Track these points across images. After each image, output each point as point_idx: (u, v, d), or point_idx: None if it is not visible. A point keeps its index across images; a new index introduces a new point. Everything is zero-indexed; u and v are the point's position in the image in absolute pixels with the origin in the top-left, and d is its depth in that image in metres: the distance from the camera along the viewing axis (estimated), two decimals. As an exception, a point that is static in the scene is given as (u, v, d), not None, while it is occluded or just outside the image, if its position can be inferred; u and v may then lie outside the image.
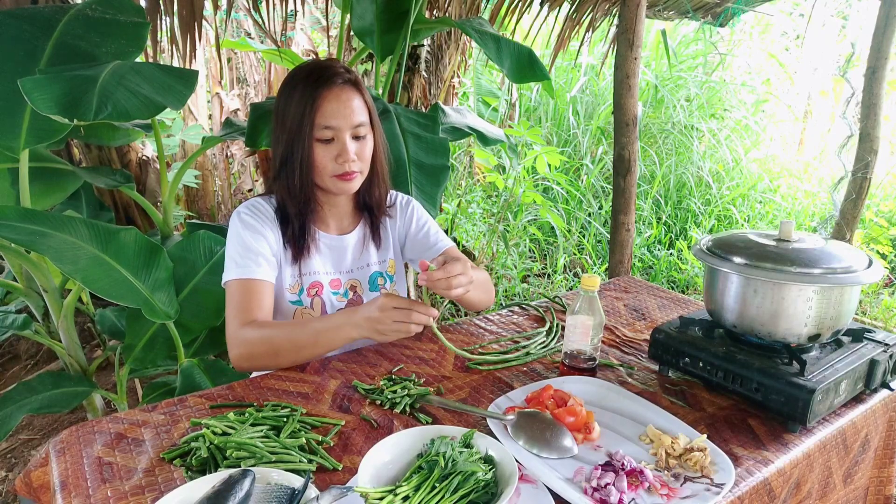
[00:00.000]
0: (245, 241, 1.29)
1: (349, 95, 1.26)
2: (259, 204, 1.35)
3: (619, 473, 0.89)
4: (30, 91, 1.32)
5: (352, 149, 1.26)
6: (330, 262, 1.40)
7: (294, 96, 1.25)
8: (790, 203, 4.77)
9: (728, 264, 1.14)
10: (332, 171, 1.27)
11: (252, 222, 1.31)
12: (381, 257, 1.46)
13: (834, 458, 1.10)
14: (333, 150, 1.26)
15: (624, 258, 2.71)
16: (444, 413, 1.10)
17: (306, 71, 1.28)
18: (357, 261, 1.43)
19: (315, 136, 1.25)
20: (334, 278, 1.40)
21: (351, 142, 1.27)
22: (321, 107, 1.23)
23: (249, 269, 1.27)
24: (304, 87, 1.25)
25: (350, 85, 1.27)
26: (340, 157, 1.26)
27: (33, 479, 0.98)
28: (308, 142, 1.25)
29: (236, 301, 1.26)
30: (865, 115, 3.03)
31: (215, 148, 4.00)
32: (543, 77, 2.13)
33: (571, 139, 5.16)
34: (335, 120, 1.24)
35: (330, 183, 1.30)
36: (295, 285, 1.36)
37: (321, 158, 1.27)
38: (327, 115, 1.24)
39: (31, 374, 2.74)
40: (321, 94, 1.24)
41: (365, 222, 1.44)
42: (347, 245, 1.41)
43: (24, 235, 1.45)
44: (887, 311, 3.70)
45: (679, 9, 3.57)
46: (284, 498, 0.80)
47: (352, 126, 1.26)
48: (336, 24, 4.00)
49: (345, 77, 1.27)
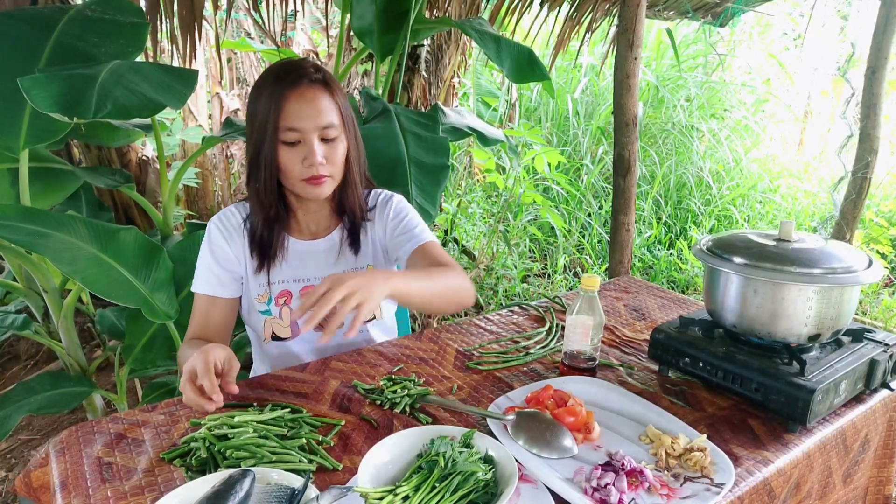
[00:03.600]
0: (207, 259, 1.30)
1: (316, 95, 1.19)
2: (230, 213, 1.33)
3: (619, 473, 0.89)
4: (29, 89, 1.32)
5: (319, 151, 1.19)
6: (301, 268, 1.33)
7: (261, 97, 1.19)
8: (790, 203, 4.77)
9: (728, 264, 1.14)
10: (300, 174, 1.20)
11: (216, 236, 1.30)
12: (358, 264, 1.37)
13: (834, 458, 1.10)
14: (300, 153, 1.19)
15: (624, 258, 2.71)
16: (444, 413, 1.10)
17: (274, 71, 1.21)
18: (332, 266, 1.35)
19: (280, 138, 1.18)
20: (306, 286, 1.33)
21: (319, 144, 1.19)
22: (285, 107, 1.17)
23: (202, 284, 1.29)
24: (271, 87, 1.18)
25: (318, 84, 1.20)
26: (307, 159, 1.19)
27: (33, 479, 0.98)
28: (273, 144, 1.18)
29: (193, 313, 1.31)
30: (865, 115, 3.03)
31: (215, 148, 4.00)
32: (543, 77, 2.13)
33: (571, 139, 5.16)
34: (300, 121, 1.17)
35: (299, 187, 1.23)
36: (263, 294, 1.32)
37: (287, 161, 1.20)
38: (291, 116, 1.17)
39: (31, 374, 2.74)
40: (285, 95, 1.17)
41: (343, 227, 1.36)
42: (319, 250, 1.34)
43: (24, 235, 1.44)
44: (887, 311, 3.70)
45: (679, 9, 3.57)
46: (284, 498, 0.80)
47: (318, 127, 1.19)
48: (336, 24, 4.00)
49: (312, 77, 1.20)
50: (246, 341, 2.17)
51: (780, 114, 5.66)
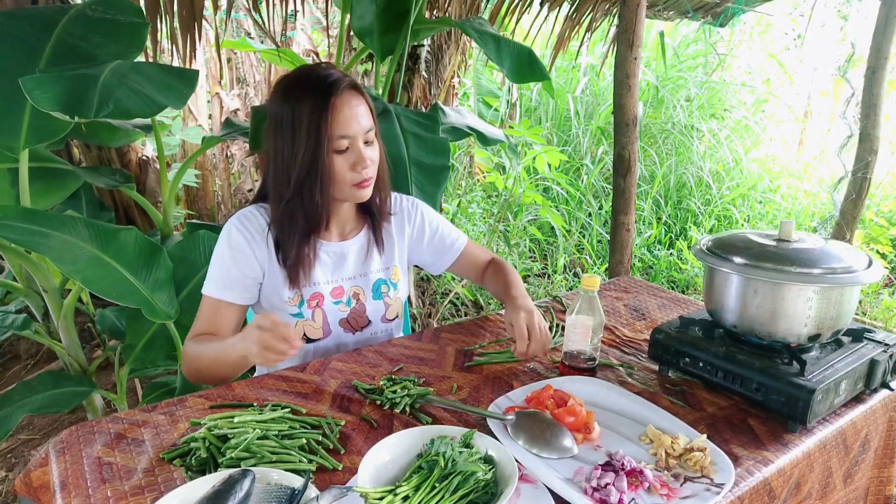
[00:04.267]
0: (225, 261, 1.27)
1: (358, 101, 1.22)
2: (251, 215, 1.30)
3: (619, 473, 0.89)
4: (31, 89, 1.32)
5: (367, 155, 1.23)
6: (330, 270, 1.35)
7: (303, 109, 1.18)
8: (790, 203, 4.77)
9: (728, 264, 1.14)
10: (352, 180, 1.24)
11: (238, 239, 1.27)
12: (384, 264, 1.41)
13: (834, 458, 1.10)
14: (350, 159, 1.22)
15: (624, 258, 2.71)
16: (444, 413, 1.10)
17: (309, 80, 1.21)
18: (360, 267, 1.38)
19: (333, 147, 1.20)
20: (336, 287, 1.35)
21: (364, 148, 1.23)
22: (334, 116, 1.18)
23: (214, 287, 1.27)
24: (313, 97, 1.19)
25: (354, 90, 1.23)
26: (358, 164, 1.22)
27: (33, 479, 0.98)
28: (327, 154, 1.20)
29: (199, 315, 1.27)
30: (865, 115, 3.03)
31: (215, 148, 4.00)
32: (543, 77, 2.13)
33: (571, 139, 5.16)
34: (350, 128, 1.20)
35: (349, 193, 1.26)
36: (295, 297, 1.31)
37: (340, 169, 1.22)
38: (341, 124, 1.19)
39: (31, 374, 2.74)
40: (332, 104, 1.18)
41: (368, 228, 1.40)
42: (349, 251, 1.37)
43: (24, 235, 1.45)
44: (887, 311, 3.70)
45: (679, 9, 3.57)
46: (284, 498, 0.80)
47: (364, 131, 1.23)
48: (336, 24, 3.99)
49: (347, 83, 1.22)
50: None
51: (780, 114, 5.66)
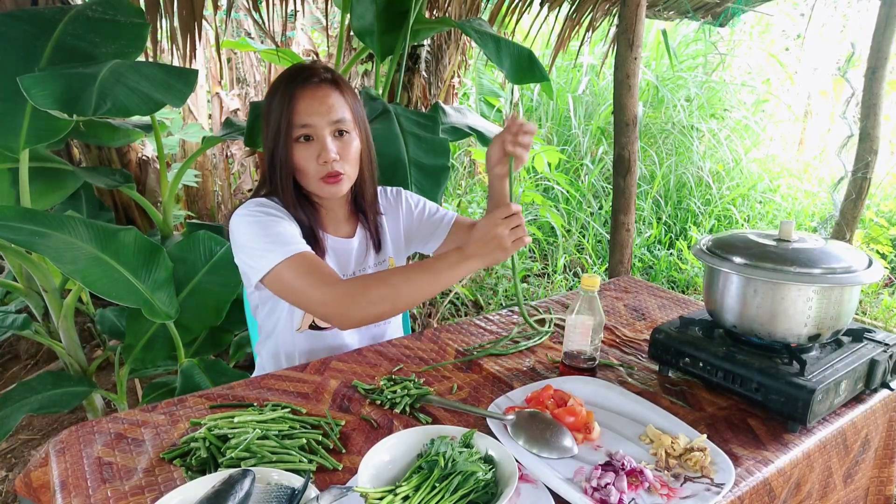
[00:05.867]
0: (272, 227, 1.19)
1: (326, 93, 1.23)
2: (266, 202, 1.26)
3: (619, 473, 0.89)
4: (29, 88, 1.32)
5: (332, 147, 1.22)
6: (336, 266, 1.36)
7: (274, 100, 1.22)
8: (790, 203, 4.77)
9: (728, 264, 1.14)
10: (316, 172, 1.23)
11: (273, 211, 1.23)
12: (380, 258, 1.44)
13: (834, 458, 1.10)
14: (314, 150, 1.22)
15: (624, 258, 2.71)
16: (444, 413, 1.10)
17: (286, 74, 1.25)
18: (360, 264, 1.41)
19: (293, 135, 1.21)
20: None
21: (332, 140, 1.22)
22: (296, 106, 1.20)
23: (296, 245, 1.17)
24: (283, 89, 1.22)
25: (328, 83, 1.24)
26: (321, 156, 1.21)
27: (33, 479, 0.98)
28: (287, 143, 1.21)
29: (305, 271, 1.14)
30: (865, 115, 3.03)
31: (215, 148, 4.00)
32: (543, 78, 2.13)
33: (571, 139, 5.16)
34: (311, 117, 1.20)
35: (317, 187, 1.25)
36: None
37: (301, 160, 1.22)
38: (302, 112, 1.20)
39: (31, 374, 2.74)
40: (296, 94, 1.20)
41: (363, 225, 1.41)
42: (353, 247, 1.38)
43: (24, 235, 1.45)
44: (887, 311, 3.70)
45: (679, 9, 3.57)
46: (284, 498, 0.80)
47: (330, 122, 1.22)
48: (336, 24, 3.99)
49: (322, 76, 1.23)
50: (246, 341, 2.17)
51: (780, 114, 5.66)
